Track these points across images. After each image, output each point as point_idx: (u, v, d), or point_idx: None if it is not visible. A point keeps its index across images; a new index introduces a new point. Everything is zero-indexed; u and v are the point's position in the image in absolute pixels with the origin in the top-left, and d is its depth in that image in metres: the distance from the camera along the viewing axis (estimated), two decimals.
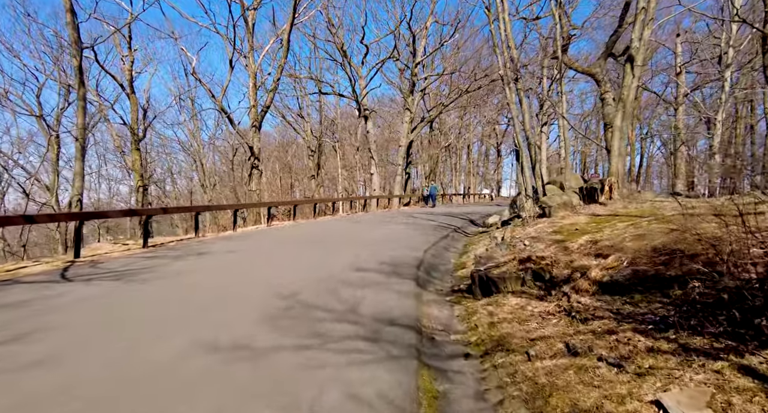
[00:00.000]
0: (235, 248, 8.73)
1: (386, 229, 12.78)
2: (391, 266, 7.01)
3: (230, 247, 8.94)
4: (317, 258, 7.70)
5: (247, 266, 7.07)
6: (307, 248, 8.90)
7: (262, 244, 9.61)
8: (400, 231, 12.14)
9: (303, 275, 6.24)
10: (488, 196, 45.40)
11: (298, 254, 8.21)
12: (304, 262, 7.28)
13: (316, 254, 8.16)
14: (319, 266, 6.90)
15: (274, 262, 7.38)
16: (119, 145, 19.35)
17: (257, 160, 17.07)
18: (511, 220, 10.08)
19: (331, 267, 6.80)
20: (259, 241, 10.08)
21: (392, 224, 14.37)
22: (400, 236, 11.19)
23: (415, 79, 26.49)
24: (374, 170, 24.42)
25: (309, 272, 6.41)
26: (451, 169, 50.63)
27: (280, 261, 7.42)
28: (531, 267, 4.86)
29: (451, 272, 7.23)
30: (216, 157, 46.11)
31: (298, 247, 9.00)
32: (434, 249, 9.13)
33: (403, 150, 27.21)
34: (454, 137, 45.34)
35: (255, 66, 17.03)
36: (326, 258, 7.65)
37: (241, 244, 9.60)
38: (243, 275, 6.37)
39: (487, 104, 48.08)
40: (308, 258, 7.67)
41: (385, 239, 10.38)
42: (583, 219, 6.90)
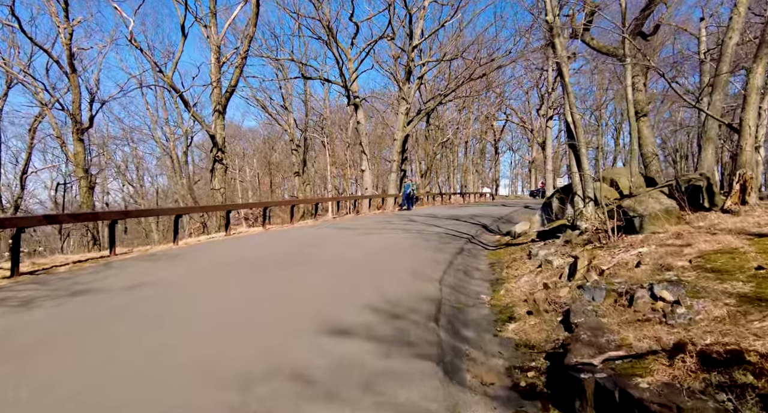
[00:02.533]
0: (143, 281, 5.62)
1: (380, 239, 9.75)
2: (389, 320, 4.03)
3: (139, 278, 5.83)
4: (263, 303, 4.67)
5: (121, 341, 3.99)
6: (260, 277, 5.85)
7: (194, 270, 6.52)
8: (399, 243, 9.13)
9: (212, 362, 3.23)
10: (489, 195, 42.60)
11: (235, 294, 5.15)
12: (235, 317, 4.23)
13: (265, 291, 5.13)
14: (257, 326, 3.87)
15: (180, 323, 4.29)
16: (59, 134, 16.25)
17: (221, 152, 13.98)
18: (557, 232, 7.12)
19: (281, 328, 3.79)
20: (193, 264, 6.98)
21: (388, 231, 11.35)
22: (400, 250, 8.19)
23: (412, 65, 23.50)
24: (366, 166, 21.41)
25: (229, 349, 3.39)
26: (448, 166, 47.76)
27: (193, 319, 4.34)
28: (749, 385, 1.89)
29: (491, 326, 4.23)
30: (197, 152, 42.67)
31: (243, 277, 5.93)
32: (452, 276, 6.13)
33: (398, 145, 24.21)
34: (452, 132, 42.45)
35: (218, 37, 13.93)
36: (278, 304, 4.62)
37: (162, 271, 6.51)
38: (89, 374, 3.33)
39: (488, 96, 45.32)
40: (246, 305, 4.62)
41: (378, 257, 7.37)
42: (734, 241, 3.93)
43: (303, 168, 30.70)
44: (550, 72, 37.16)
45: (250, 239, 9.96)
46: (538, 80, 45.61)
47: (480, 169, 56.88)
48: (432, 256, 7.53)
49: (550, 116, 37.25)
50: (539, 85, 45.34)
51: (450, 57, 23.91)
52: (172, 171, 24.90)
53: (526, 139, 62.19)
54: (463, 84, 23.80)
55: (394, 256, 7.52)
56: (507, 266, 6.69)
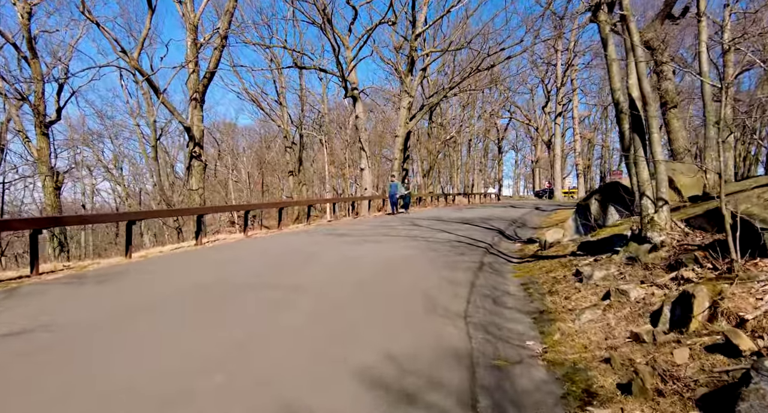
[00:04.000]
0: (24, 329, 3.96)
1: (381, 250, 8.08)
2: (396, 411, 2.36)
3: (25, 321, 4.16)
4: (181, 392, 3.03)
5: None
6: (199, 325, 4.15)
7: (112, 309, 4.78)
8: (404, 255, 7.47)
9: None
10: (495, 196, 40.95)
11: (145, 364, 3.49)
12: None
13: (196, 358, 3.46)
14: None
15: None
16: (21, 128, 14.56)
17: (198, 147, 12.32)
18: (609, 244, 5.44)
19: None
20: (121, 295, 5.23)
21: (389, 238, 9.68)
22: (405, 266, 6.53)
23: (415, 55, 21.82)
24: (365, 164, 19.74)
25: None
26: (450, 166, 46.08)
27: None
28: None
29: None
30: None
31: (175, 324, 4.22)
32: (479, 307, 4.46)
33: (399, 142, 22.54)
34: (455, 130, 40.77)
35: (195, 15, 12.28)
36: (205, 395, 2.98)
37: (67, 308, 4.83)
38: None
39: (492, 93, 43.64)
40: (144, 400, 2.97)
41: (379, 279, 5.71)
42: None
43: (299, 167, 29.04)
44: (558, 66, 35.54)
45: (222, 252, 8.28)
46: (544, 76, 44.07)
47: (483, 168, 55.26)
48: (447, 275, 5.86)
49: (558, 112, 35.59)
50: (545, 82, 43.76)
51: (456, 47, 22.25)
52: (156, 168, 23.21)
53: (529, 138, 60.62)
54: (470, 76, 22.13)
55: (398, 276, 5.84)
56: (549, 290, 5.01)
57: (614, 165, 53.60)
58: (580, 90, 37.28)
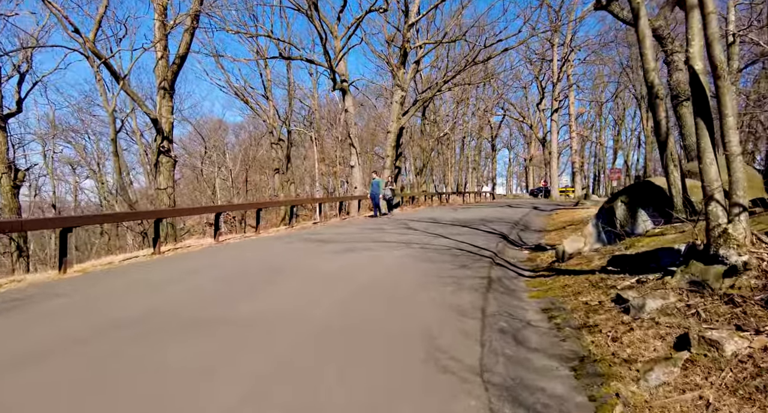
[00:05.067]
0: None
1: (368, 263, 6.89)
2: None
3: None
4: None
5: None
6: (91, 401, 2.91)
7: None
8: (396, 270, 6.28)
9: None
10: (490, 195, 40.01)
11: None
12: None
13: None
14: None
15: None
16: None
17: (167, 141, 10.99)
18: (654, 260, 4.31)
19: None
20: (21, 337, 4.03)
21: (379, 246, 8.49)
22: (397, 286, 5.34)
23: (408, 46, 20.62)
24: (355, 161, 18.52)
25: None
26: (444, 163, 45.00)
27: None
28: None
29: None
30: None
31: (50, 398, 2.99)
32: (498, 356, 3.28)
33: (392, 138, 21.36)
34: (449, 127, 39.66)
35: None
36: None
37: None
38: None
39: (485, 90, 42.62)
40: None
41: (363, 308, 4.52)
42: None
43: (287, 165, 27.70)
44: (554, 61, 34.55)
45: (179, 264, 7.00)
46: (538, 73, 43.12)
47: (477, 166, 54.30)
48: (450, 299, 4.68)
49: (555, 108, 34.63)
50: (540, 78, 42.82)
51: (450, 39, 21.09)
52: (119, 167, 21.70)
53: (522, 136, 59.79)
54: (465, 69, 20.99)
55: (388, 302, 4.63)
56: (584, 323, 3.85)
57: (608, 163, 53.03)
58: (575, 86, 36.35)
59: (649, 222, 5.75)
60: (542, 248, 8.57)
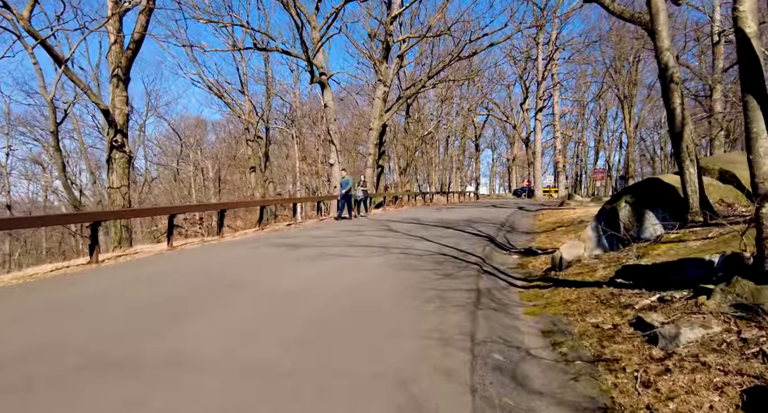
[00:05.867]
0: None
1: (335, 275, 6.03)
2: None
3: None
4: None
5: None
6: None
7: None
8: (371, 282, 5.44)
9: None
10: (474, 194, 39.54)
11: None
12: None
13: None
14: None
15: None
16: None
17: (121, 135, 9.87)
18: (677, 273, 3.56)
19: None
20: None
21: (355, 250, 7.62)
22: (371, 305, 4.50)
23: (390, 39, 19.81)
24: (335, 158, 17.59)
25: None
26: (428, 163, 44.37)
27: None
28: None
29: None
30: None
31: None
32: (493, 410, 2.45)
33: (374, 135, 20.50)
34: (433, 126, 39.02)
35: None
36: None
37: None
38: None
39: (469, 89, 42.18)
40: None
41: (325, 339, 3.65)
42: None
43: (265, 163, 26.53)
44: (539, 60, 34.23)
45: (110, 277, 5.98)
46: (522, 72, 42.87)
47: (461, 166, 53.93)
48: (433, 322, 3.85)
49: (539, 108, 34.29)
50: (524, 78, 42.57)
51: (435, 33, 20.34)
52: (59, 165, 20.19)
53: (505, 136, 59.71)
54: (450, 64, 20.29)
55: (357, 332, 3.74)
56: (598, 354, 3.07)
57: (590, 164, 53.32)
58: (560, 85, 36.14)
59: (658, 226, 5.05)
60: (533, 252, 7.85)
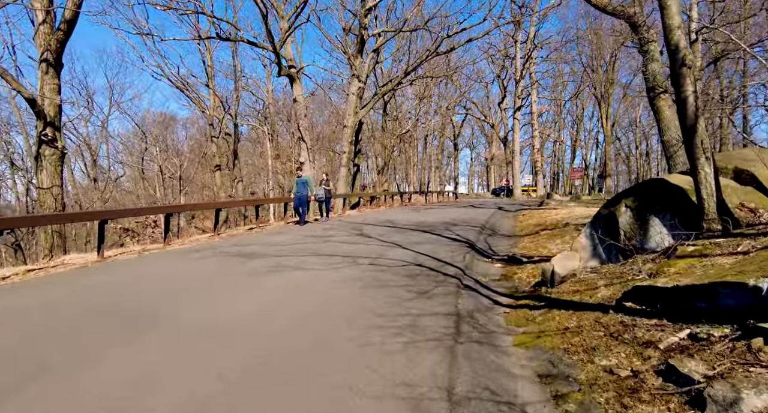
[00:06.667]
0: None
1: (287, 295, 5.08)
2: None
3: None
4: None
5: None
6: None
7: None
8: (323, 308, 4.51)
9: None
10: (452, 194, 39.07)
11: None
12: None
13: None
14: None
15: None
16: None
17: (53, 128, 8.55)
18: (710, 307, 2.76)
19: None
20: None
21: (315, 262, 6.66)
22: (313, 347, 3.56)
23: (365, 33, 18.86)
24: (305, 157, 16.53)
25: None
26: (406, 162, 43.65)
27: None
28: None
29: None
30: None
31: None
32: None
33: (348, 132, 19.51)
34: (411, 124, 38.28)
35: None
36: None
37: None
38: None
39: (447, 88, 41.70)
40: None
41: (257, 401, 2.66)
42: None
43: (234, 161, 25.12)
44: (517, 58, 33.92)
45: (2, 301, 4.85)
46: (500, 71, 42.66)
47: (440, 165, 53.50)
48: (400, 370, 2.95)
49: (517, 106, 34.02)
50: (501, 77, 42.37)
51: (411, 27, 19.51)
52: None
53: (483, 136, 59.71)
54: (427, 59, 19.51)
55: (293, 392, 2.80)
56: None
57: (567, 163, 53.77)
58: (538, 84, 36.00)
59: (666, 235, 4.31)
60: (517, 260, 7.08)
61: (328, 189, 13.47)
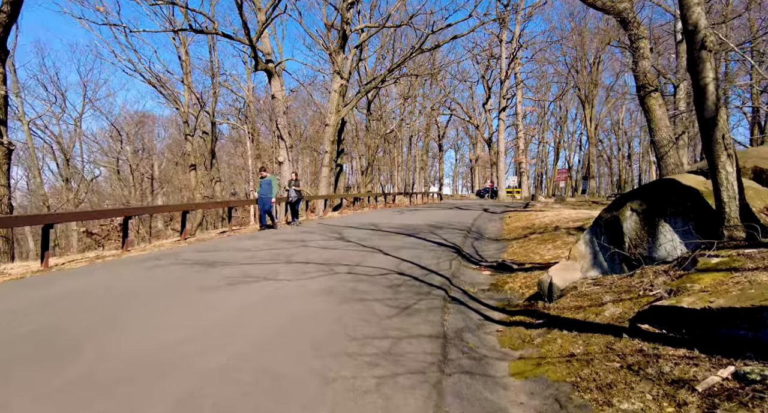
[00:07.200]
0: None
1: (249, 312, 4.44)
2: None
3: None
4: None
5: None
6: None
7: None
8: (280, 338, 3.87)
9: None
10: (437, 195, 38.68)
11: None
12: None
13: None
14: None
15: None
16: None
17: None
18: (748, 337, 2.21)
19: None
20: None
21: (287, 272, 6.00)
22: (273, 386, 2.90)
23: (347, 28, 18.21)
24: (284, 156, 15.76)
25: None
26: (391, 163, 43.10)
27: None
28: None
29: None
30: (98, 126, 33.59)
31: None
32: None
33: (330, 131, 18.82)
34: (395, 125, 37.74)
35: None
36: None
37: None
38: None
39: (432, 89, 41.36)
40: None
41: None
42: None
43: (212, 161, 24.12)
44: (502, 58, 33.74)
45: None
46: (485, 72, 42.50)
47: (424, 166, 53.14)
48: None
49: (502, 107, 33.82)
50: (486, 77, 42.20)
51: (395, 23, 18.94)
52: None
53: (468, 137, 59.60)
54: (412, 56, 18.96)
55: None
56: None
57: (550, 164, 54.04)
58: (523, 84, 35.90)
59: (678, 242, 3.82)
60: (507, 267, 6.55)
61: (298, 190, 12.42)
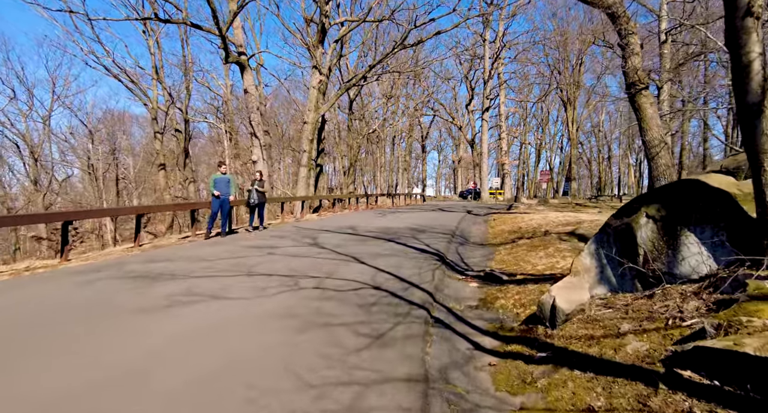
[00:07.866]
0: None
1: (175, 351, 3.58)
2: None
3: None
4: None
5: None
6: None
7: None
8: (219, 372, 3.03)
9: None
10: (420, 197, 38.11)
11: None
12: None
13: None
14: None
15: None
16: None
17: None
18: None
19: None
20: None
21: (245, 286, 5.17)
22: None
23: (326, 21, 17.38)
24: (258, 155, 14.82)
25: None
26: (374, 163, 42.31)
27: None
28: None
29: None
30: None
31: None
32: None
33: (309, 129, 17.93)
34: (378, 124, 36.98)
35: None
36: None
37: None
38: None
39: (415, 89, 40.78)
40: None
41: None
42: None
43: (185, 160, 22.87)
44: (486, 57, 33.39)
45: None
46: (468, 72, 42.15)
47: (407, 167, 52.54)
48: None
49: (485, 107, 33.46)
50: (469, 78, 41.86)
51: (376, 18, 18.20)
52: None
53: (451, 138, 59.32)
54: (394, 52, 18.24)
55: None
56: None
57: (532, 166, 54.16)
58: (506, 85, 35.62)
59: (706, 256, 3.16)
60: (496, 278, 5.86)
61: (262, 192, 10.82)
